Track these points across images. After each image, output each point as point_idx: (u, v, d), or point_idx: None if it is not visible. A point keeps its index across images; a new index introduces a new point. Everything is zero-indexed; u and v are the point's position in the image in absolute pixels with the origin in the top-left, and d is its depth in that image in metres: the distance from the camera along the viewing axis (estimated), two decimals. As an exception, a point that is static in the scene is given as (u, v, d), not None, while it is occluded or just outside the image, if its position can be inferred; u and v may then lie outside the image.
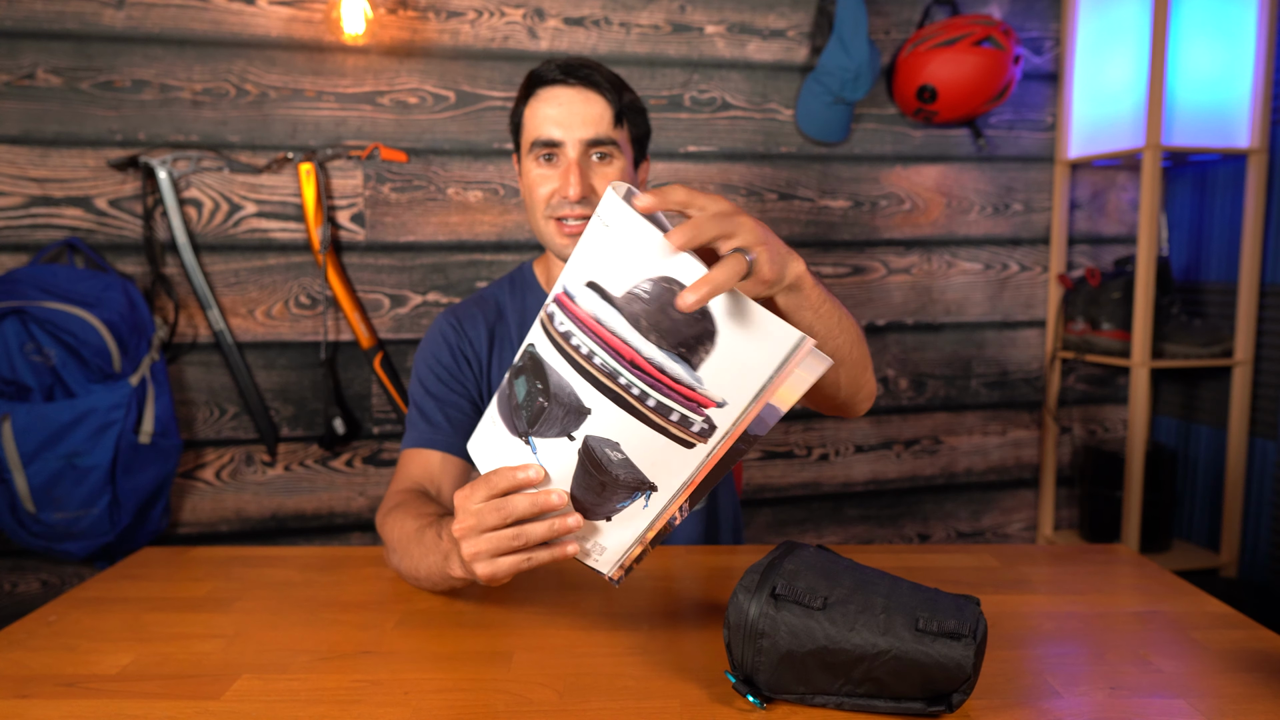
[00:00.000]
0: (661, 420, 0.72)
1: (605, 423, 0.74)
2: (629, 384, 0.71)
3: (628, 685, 0.81)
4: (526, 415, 0.78)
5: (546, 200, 1.16)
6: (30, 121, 1.88)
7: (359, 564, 1.13)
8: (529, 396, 0.77)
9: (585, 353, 0.73)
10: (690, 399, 0.70)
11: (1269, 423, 2.12)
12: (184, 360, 2.00)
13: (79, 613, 0.98)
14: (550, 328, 0.76)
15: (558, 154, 1.15)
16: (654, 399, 0.71)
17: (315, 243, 1.97)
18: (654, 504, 0.77)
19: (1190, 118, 2.09)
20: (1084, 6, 2.26)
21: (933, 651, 0.72)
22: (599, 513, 0.79)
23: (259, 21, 1.94)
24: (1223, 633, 0.92)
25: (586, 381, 0.73)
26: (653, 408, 0.72)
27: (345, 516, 2.11)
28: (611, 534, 0.80)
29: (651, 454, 0.74)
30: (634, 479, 0.75)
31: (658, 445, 0.73)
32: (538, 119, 1.16)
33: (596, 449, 0.75)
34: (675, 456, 0.74)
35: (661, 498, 0.77)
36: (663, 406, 0.71)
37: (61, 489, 1.76)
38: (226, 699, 0.79)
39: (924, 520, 2.40)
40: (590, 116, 1.14)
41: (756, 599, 0.75)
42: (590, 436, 0.75)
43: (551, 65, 1.16)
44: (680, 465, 0.74)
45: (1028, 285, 2.37)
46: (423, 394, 1.21)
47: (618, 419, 0.73)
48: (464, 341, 1.23)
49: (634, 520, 0.78)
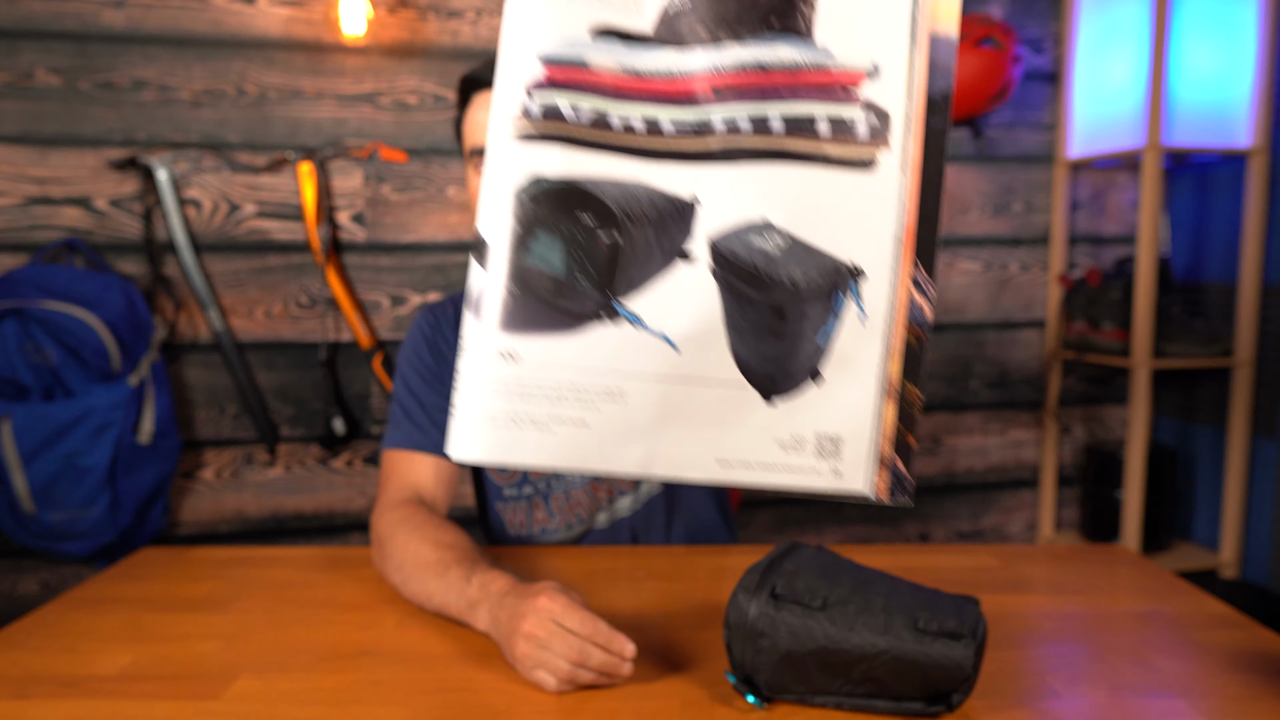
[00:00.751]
0: (809, 144, 0.47)
1: (730, 202, 0.48)
2: (732, 122, 0.47)
3: (628, 685, 0.80)
4: (591, 275, 0.49)
5: None
6: (30, 121, 1.88)
7: (359, 564, 1.13)
8: (575, 248, 0.49)
9: (642, 127, 0.49)
10: (828, 84, 0.46)
11: (1269, 423, 2.12)
12: (184, 360, 2.00)
13: (79, 613, 0.98)
14: (562, 128, 0.49)
15: None
16: (778, 119, 0.47)
17: (315, 243, 1.97)
18: (873, 300, 0.49)
19: (1191, 118, 2.09)
20: (1084, 6, 2.26)
21: (932, 651, 0.72)
22: (793, 368, 0.50)
23: (259, 22, 1.94)
24: (1223, 633, 0.92)
25: (669, 162, 0.48)
26: (785, 131, 0.47)
27: (345, 516, 2.10)
28: (835, 406, 0.51)
29: (825, 208, 0.48)
30: (821, 267, 0.48)
31: (827, 189, 0.48)
32: (474, 125, 1.11)
33: (741, 252, 0.48)
34: (859, 193, 0.48)
35: (880, 280, 0.49)
36: (797, 122, 0.47)
37: (61, 489, 1.76)
38: (226, 699, 0.79)
39: (924, 520, 2.40)
40: None
41: (756, 599, 0.75)
42: (719, 239, 0.49)
43: (485, 67, 1.08)
44: (875, 204, 0.48)
45: (1028, 285, 2.37)
46: (406, 393, 1.19)
47: (747, 184, 0.48)
48: (440, 339, 1.21)
49: (859, 355, 0.50)
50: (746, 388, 0.49)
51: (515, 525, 1.23)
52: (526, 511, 1.22)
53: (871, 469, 0.50)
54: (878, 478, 0.51)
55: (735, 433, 0.50)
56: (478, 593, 0.88)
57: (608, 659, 0.77)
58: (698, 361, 0.48)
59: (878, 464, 0.50)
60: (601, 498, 1.20)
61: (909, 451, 0.50)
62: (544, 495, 1.20)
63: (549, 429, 0.49)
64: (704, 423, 0.50)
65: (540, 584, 0.83)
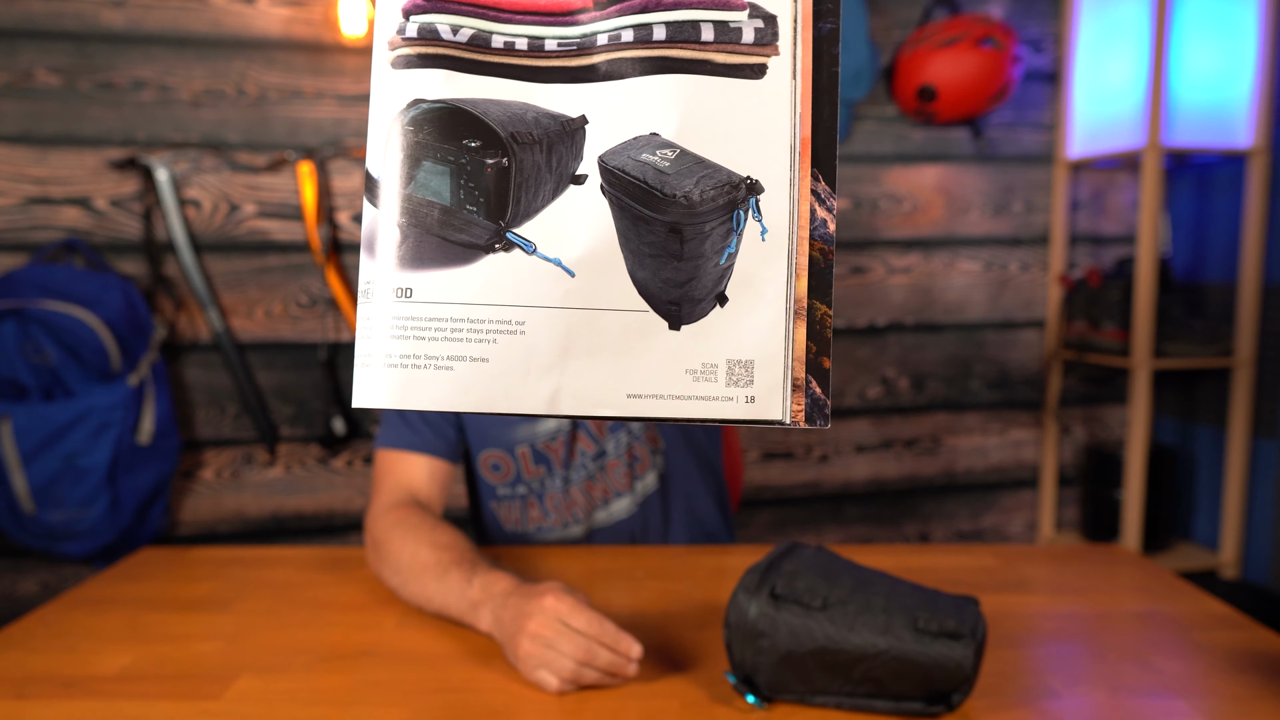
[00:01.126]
0: (694, 51, 0.46)
1: (618, 119, 0.47)
2: (616, 35, 0.47)
3: (628, 685, 0.80)
4: (480, 202, 0.48)
5: None
6: (29, 121, 1.88)
7: (359, 564, 1.13)
8: (462, 175, 0.48)
9: (525, 46, 0.47)
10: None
11: (1269, 423, 2.12)
12: (184, 360, 2.00)
13: (79, 613, 0.98)
14: (441, 49, 0.48)
15: None
16: (660, 27, 0.46)
17: (315, 243, 1.97)
18: (774, 215, 0.48)
19: (1191, 118, 2.09)
20: (1084, 6, 2.26)
21: (932, 651, 0.71)
22: (697, 292, 0.48)
23: (258, 22, 1.94)
24: (1223, 633, 0.92)
25: (554, 82, 0.47)
26: (669, 39, 0.46)
27: (345, 516, 2.10)
28: (743, 330, 0.48)
29: (716, 119, 0.47)
30: (716, 181, 0.47)
31: (717, 99, 0.47)
32: None
33: (630, 168, 0.47)
34: (750, 101, 0.47)
35: (779, 194, 0.47)
36: (680, 27, 0.46)
37: (61, 489, 1.76)
38: (226, 699, 0.79)
39: (924, 520, 2.40)
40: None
41: (756, 599, 0.75)
42: (606, 155, 0.47)
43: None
44: (767, 112, 0.47)
45: (1028, 285, 2.37)
46: None
47: (635, 98, 0.47)
48: None
49: (764, 275, 0.48)
50: (650, 315, 0.47)
51: (511, 522, 1.23)
52: (521, 510, 1.22)
53: (786, 394, 0.48)
54: (793, 403, 0.48)
55: (643, 364, 0.47)
56: (480, 594, 0.88)
57: (614, 659, 0.77)
58: (597, 288, 0.47)
59: (791, 389, 0.48)
60: (598, 497, 1.21)
61: (824, 374, 0.48)
62: (538, 495, 1.20)
63: (449, 368, 0.47)
64: (610, 354, 0.47)
65: (545, 584, 0.83)
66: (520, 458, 1.19)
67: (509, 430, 1.19)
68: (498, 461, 1.20)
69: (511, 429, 1.19)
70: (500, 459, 1.20)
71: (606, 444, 1.20)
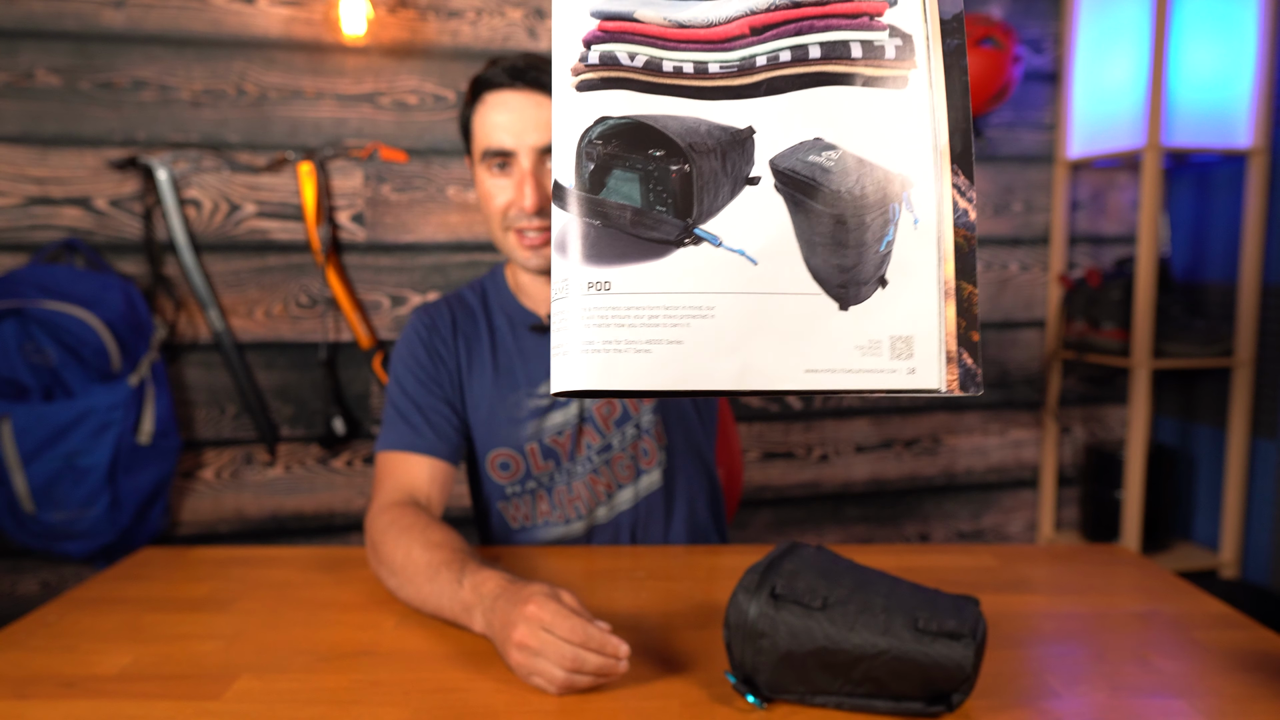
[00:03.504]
0: (846, 66, 0.54)
1: (783, 128, 0.54)
2: (774, 56, 0.54)
3: (628, 685, 0.80)
4: (668, 202, 0.55)
5: (503, 212, 1.13)
6: (30, 121, 1.88)
7: (359, 564, 1.13)
8: (650, 180, 0.55)
9: (691, 69, 0.55)
10: (854, 12, 0.54)
11: (1269, 423, 2.12)
12: (184, 360, 2.00)
13: (79, 613, 0.98)
14: (621, 73, 0.55)
15: (511, 163, 1.12)
16: (815, 46, 0.54)
17: (315, 243, 1.97)
18: (923, 207, 0.55)
19: (1190, 118, 2.09)
20: (1084, 6, 2.26)
21: (932, 651, 0.72)
22: (862, 276, 0.55)
23: (259, 21, 1.94)
24: (1223, 633, 0.92)
25: (722, 100, 0.55)
26: (823, 56, 0.54)
27: (345, 517, 2.10)
28: (903, 309, 0.55)
29: (869, 125, 0.54)
30: (874, 178, 0.54)
31: (868, 107, 0.54)
32: (487, 126, 1.12)
33: (799, 168, 0.54)
34: (896, 109, 0.55)
35: (927, 188, 0.55)
36: (833, 46, 0.54)
37: (61, 489, 1.76)
38: (226, 699, 0.79)
39: (924, 520, 2.40)
40: (543, 121, 1.10)
41: (756, 599, 0.75)
42: (777, 158, 0.55)
43: (498, 68, 1.12)
44: (912, 118, 0.55)
45: (1028, 285, 2.37)
46: (400, 394, 1.19)
47: (796, 110, 0.55)
48: (436, 339, 1.22)
49: (918, 260, 0.55)
50: (823, 297, 0.54)
51: (519, 519, 1.23)
52: (530, 504, 1.22)
53: (941, 365, 0.55)
54: (948, 373, 0.55)
55: (817, 341, 0.54)
56: (470, 595, 0.88)
57: (603, 661, 0.77)
58: (776, 275, 0.54)
59: (946, 360, 0.55)
60: (601, 491, 1.21)
61: (974, 346, 0.55)
62: (547, 488, 1.21)
63: (647, 351, 0.52)
64: (788, 334, 0.54)
65: (529, 589, 0.83)
66: (529, 454, 1.20)
67: (518, 429, 1.19)
68: (507, 460, 1.20)
69: (521, 427, 1.19)
70: (510, 457, 1.20)
71: (612, 438, 1.20)
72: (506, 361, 1.21)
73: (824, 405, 2.29)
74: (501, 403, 1.20)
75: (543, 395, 1.19)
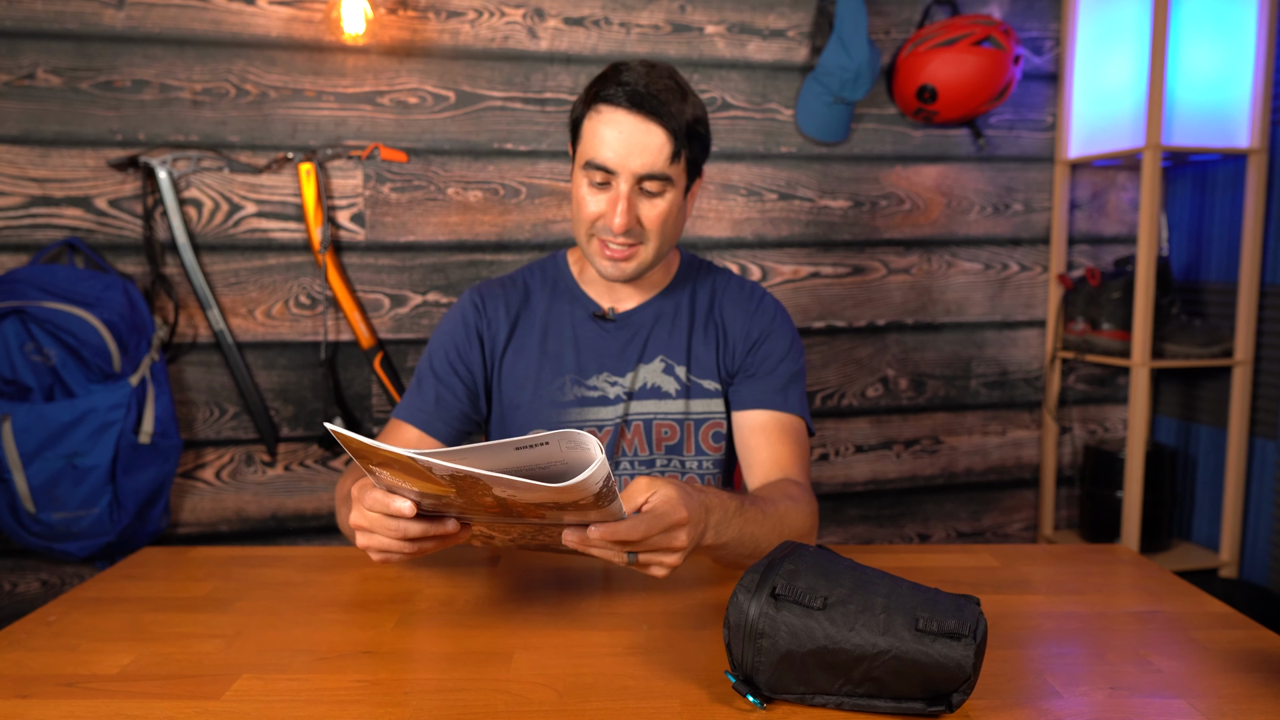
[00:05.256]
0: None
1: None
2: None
3: (628, 685, 0.81)
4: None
5: (592, 220, 1.16)
6: (30, 121, 1.88)
7: (359, 564, 1.13)
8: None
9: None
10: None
11: (1269, 423, 2.12)
12: (184, 360, 2.00)
13: (79, 613, 0.98)
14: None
15: (610, 181, 1.13)
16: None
17: (315, 243, 1.97)
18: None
19: (1190, 118, 2.09)
20: (1084, 6, 2.26)
21: (933, 651, 0.72)
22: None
23: (259, 21, 1.94)
24: (1223, 633, 0.92)
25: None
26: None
27: (345, 516, 2.11)
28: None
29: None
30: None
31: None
32: (596, 139, 1.12)
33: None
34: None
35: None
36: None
37: (61, 489, 1.76)
38: (226, 699, 0.79)
39: (924, 520, 2.40)
40: (649, 149, 1.10)
41: (756, 599, 0.75)
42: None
43: (621, 89, 1.10)
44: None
45: (1028, 285, 2.37)
46: (427, 368, 1.25)
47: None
48: (483, 321, 1.26)
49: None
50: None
51: None
52: None
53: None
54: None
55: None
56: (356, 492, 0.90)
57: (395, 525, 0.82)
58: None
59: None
60: None
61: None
62: None
63: None
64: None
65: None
66: None
67: (561, 412, 1.22)
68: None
69: (564, 411, 1.22)
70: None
71: (658, 458, 1.23)
72: (556, 346, 1.25)
73: (824, 405, 2.29)
74: (547, 385, 1.23)
75: (592, 387, 1.23)
